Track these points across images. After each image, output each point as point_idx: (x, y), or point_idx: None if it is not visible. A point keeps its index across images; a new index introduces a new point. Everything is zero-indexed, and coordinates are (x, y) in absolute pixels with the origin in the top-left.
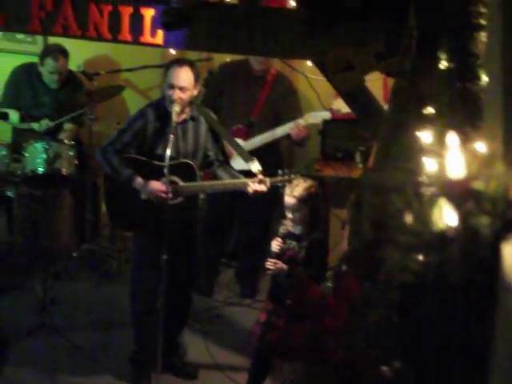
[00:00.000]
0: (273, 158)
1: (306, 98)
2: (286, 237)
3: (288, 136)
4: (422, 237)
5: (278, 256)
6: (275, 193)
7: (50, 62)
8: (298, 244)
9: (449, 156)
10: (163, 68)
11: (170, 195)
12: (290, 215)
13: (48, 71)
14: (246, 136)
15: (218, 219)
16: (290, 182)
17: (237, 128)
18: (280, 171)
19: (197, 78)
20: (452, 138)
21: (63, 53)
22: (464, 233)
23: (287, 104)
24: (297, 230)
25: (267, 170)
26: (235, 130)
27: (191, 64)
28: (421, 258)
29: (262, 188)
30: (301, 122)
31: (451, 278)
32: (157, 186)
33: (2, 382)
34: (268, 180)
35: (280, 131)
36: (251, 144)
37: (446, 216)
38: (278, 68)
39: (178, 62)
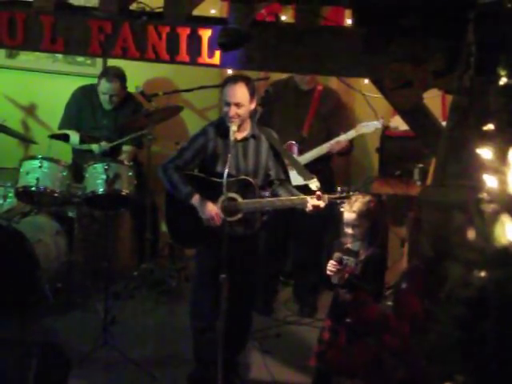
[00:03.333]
0: (324, 175)
1: (363, 115)
2: (344, 254)
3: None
4: (484, 253)
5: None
6: (329, 211)
7: (103, 83)
8: (355, 260)
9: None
10: (221, 88)
11: (218, 223)
12: (349, 231)
13: (101, 92)
14: (298, 152)
15: (272, 238)
16: (348, 198)
17: (288, 144)
18: (339, 188)
19: (252, 93)
20: None
21: (119, 76)
22: None
23: (337, 118)
24: (355, 246)
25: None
26: (287, 147)
27: (246, 79)
28: (484, 273)
29: (321, 204)
30: (342, 138)
31: None
32: (210, 209)
33: None
34: (326, 196)
35: (321, 150)
36: (303, 160)
37: (509, 232)
38: (324, 83)
39: (233, 78)
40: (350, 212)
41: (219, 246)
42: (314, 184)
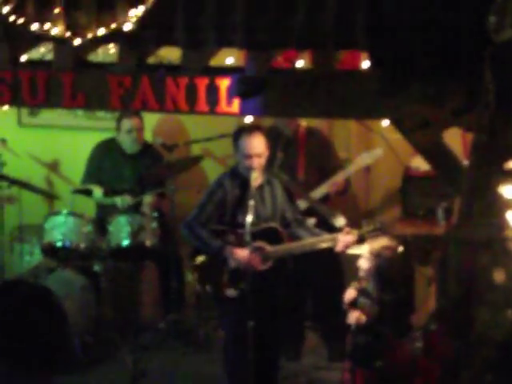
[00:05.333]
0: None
1: (383, 156)
2: (360, 294)
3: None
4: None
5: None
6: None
7: (126, 122)
8: (370, 302)
9: None
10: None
11: (258, 262)
12: (364, 266)
13: (126, 131)
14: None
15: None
16: (375, 231)
17: None
18: (363, 221)
19: (267, 140)
20: None
21: (136, 113)
22: None
23: (326, 156)
24: (369, 287)
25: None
26: None
27: (259, 128)
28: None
29: (350, 240)
30: (338, 179)
31: None
32: (243, 254)
33: None
34: (356, 232)
35: (322, 190)
36: (303, 203)
37: None
38: (306, 123)
39: (247, 130)
40: (366, 248)
41: (249, 296)
42: (339, 221)
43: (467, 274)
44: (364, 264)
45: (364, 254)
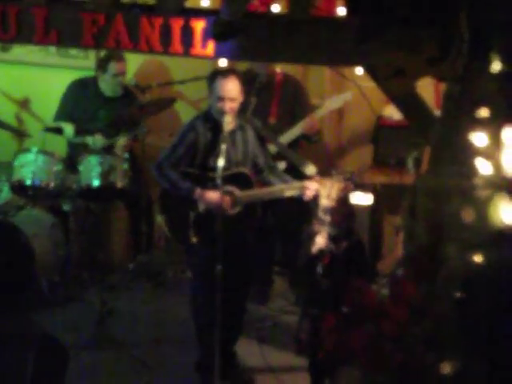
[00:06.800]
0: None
1: (356, 104)
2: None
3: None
4: (481, 234)
5: (322, 252)
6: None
7: (113, 65)
8: (334, 246)
9: (506, 154)
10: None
11: (229, 205)
12: (327, 218)
13: (113, 74)
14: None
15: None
16: (346, 181)
17: None
18: (334, 171)
19: (242, 85)
20: (509, 135)
21: (123, 56)
22: None
23: (299, 103)
24: (332, 231)
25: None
26: None
27: (235, 72)
28: (481, 254)
29: (320, 189)
30: (312, 115)
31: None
32: (214, 196)
33: None
34: (326, 181)
35: (296, 131)
36: (272, 148)
37: (505, 214)
38: (283, 70)
39: (223, 73)
40: (328, 199)
41: (216, 239)
42: (309, 169)
43: (436, 220)
44: (326, 210)
45: (328, 205)
